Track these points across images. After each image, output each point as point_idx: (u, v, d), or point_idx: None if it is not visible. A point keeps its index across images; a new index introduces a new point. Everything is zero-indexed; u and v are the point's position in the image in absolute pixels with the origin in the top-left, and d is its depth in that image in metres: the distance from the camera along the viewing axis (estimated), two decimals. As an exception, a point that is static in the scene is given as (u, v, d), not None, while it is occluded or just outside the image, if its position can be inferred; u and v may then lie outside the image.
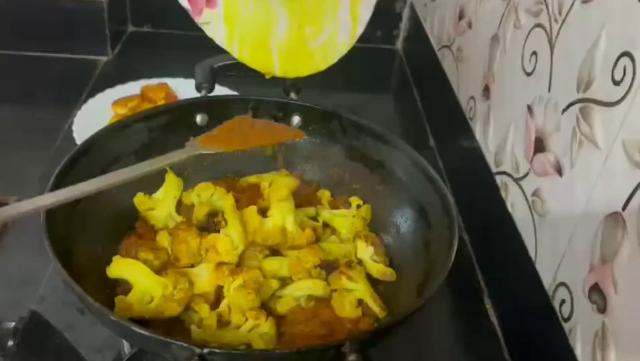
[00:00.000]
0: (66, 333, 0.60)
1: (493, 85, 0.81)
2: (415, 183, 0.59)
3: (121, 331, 0.43)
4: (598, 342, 0.53)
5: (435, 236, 0.54)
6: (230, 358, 0.40)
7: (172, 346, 0.40)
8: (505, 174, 0.75)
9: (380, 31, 1.28)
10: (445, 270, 0.47)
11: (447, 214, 0.53)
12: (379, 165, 0.62)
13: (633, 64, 0.52)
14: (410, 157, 0.59)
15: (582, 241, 0.57)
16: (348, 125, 0.63)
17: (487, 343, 0.71)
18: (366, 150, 0.63)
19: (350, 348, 0.40)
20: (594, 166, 0.56)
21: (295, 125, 0.65)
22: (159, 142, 0.61)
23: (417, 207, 0.58)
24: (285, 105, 0.64)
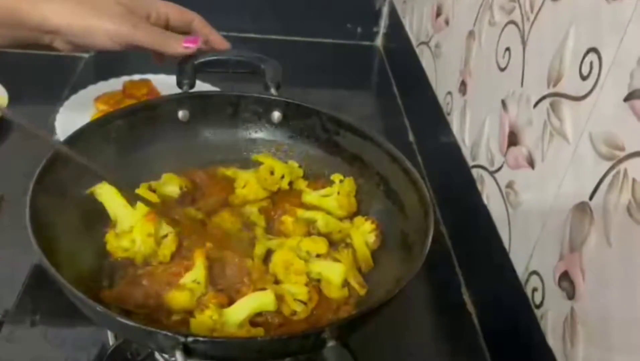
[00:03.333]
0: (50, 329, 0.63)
1: (469, 80, 0.83)
2: (393, 177, 0.60)
3: (105, 322, 0.44)
4: (567, 327, 0.56)
5: (412, 227, 0.56)
6: (213, 346, 0.41)
7: (156, 335, 0.41)
8: (481, 167, 0.77)
9: (360, 28, 1.29)
10: (421, 259, 0.49)
11: (423, 206, 0.54)
12: (358, 160, 0.64)
13: (599, 60, 0.54)
14: (388, 151, 0.61)
15: (553, 231, 0.59)
16: (327, 121, 0.65)
17: (464, 331, 0.73)
18: (345, 144, 0.64)
19: (329, 334, 0.42)
20: (563, 158, 0.58)
21: (276, 120, 0.66)
22: (141, 137, 0.62)
23: (395, 200, 0.59)
24: (266, 101, 0.65)
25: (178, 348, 0.40)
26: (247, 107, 0.66)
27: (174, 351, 0.40)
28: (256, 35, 1.27)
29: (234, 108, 0.66)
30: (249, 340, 0.42)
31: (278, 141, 0.67)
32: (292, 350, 0.42)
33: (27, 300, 0.66)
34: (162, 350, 0.43)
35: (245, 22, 1.25)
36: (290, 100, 0.65)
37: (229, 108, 0.66)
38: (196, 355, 0.41)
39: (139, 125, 0.62)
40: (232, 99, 0.66)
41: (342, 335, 0.42)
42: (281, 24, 1.27)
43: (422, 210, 0.54)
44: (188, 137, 0.65)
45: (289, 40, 1.29)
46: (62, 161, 0.54)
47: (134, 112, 0.61)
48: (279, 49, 1.25)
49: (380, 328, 0.70)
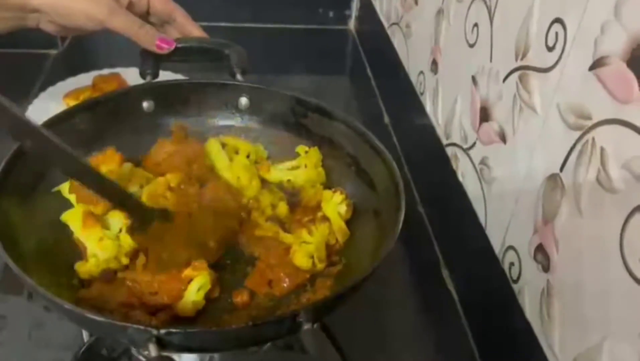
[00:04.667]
0: (34, 331, 0.62)
1: (440, 58, 0.83)
2: (363, 156, 0.60)
3: (76, 319, 0.43)
4: (544, 300, 0.56)
5: (384, 205, 0.55)
6: (186, 337, 0.40)
7: (128, 330, 0.41)
8: (455, 145, 0.77)
9: (333, 12, 1.28)
10: (394, 237, 0.49)
11: (394, 183, 0.54)
12: (327, 141, 0.63)
13: (564, 30, 0.53)
14: (357, 131, 0.60)
15: (526, 204, 0.59)
16: (295, 104, 0.64)
17: (445, 309, 0.73)
18: (313, 127, 0.64)
19: (305, 317, 0.41)
20: (534, 131, 0.58)
21: (244, 106, 0.66)
22: (105, 130, 0.61)
23: (365, 179, 0.59)
24: (232, 87, 0.65)
25: (151, 341, 0.40)
26: (213, 94, 0.65)
27: (148, 344, 0.40)
28: (228, 24, 1.25)
29: (200, 96, 0.65)
30: (222, 329, 0.42)
31: (246, 127, 0.66)
32: (268, 335, 0.41)
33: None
34: (135, 344, 0.42)
35: (217, 11, 1.24)
36: (256, 85, 0.64)
37: (194, 96, 0.65)
38: (171, 347, 0.40)
39: (103, 118, 0.61)
40: (197, 87, 0.65)
41: (318, 316, 0.41)
42: (253, 12, 1.26)
43: (393, 187, 0.53)
44: (154, 127, 0.64)
45: (262, 28, 1.28)
46: (25, 159, 0.53)
47: (97, 105, 0.60)
48: (251, 37, 1.24)
49: (360, 308, 0.70)
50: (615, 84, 0.46)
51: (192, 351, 0.42)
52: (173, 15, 0.69)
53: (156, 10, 0.68)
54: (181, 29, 0.69)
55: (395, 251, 0.78)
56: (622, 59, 0.45)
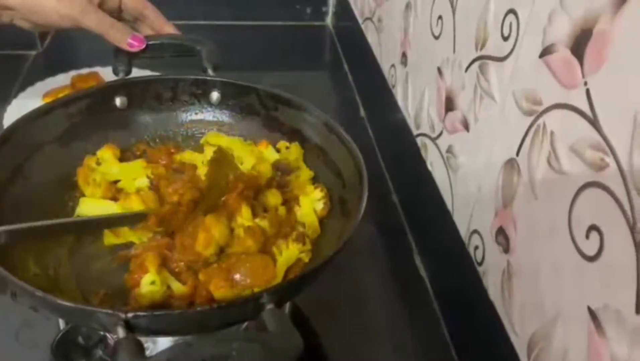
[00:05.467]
0: (22, 331, 0.63)
1: (409, 51, 0.85)
2: (331, 147, 0.62)
3: (46, 305, 0.44)
4: (505, 280, 0.58)
5: (349, 194, 0.57)
6: (153, 320, 0.42)
7: (97, 315, 0.42)
8: (424, 135, 0.79)
9: (310, 8, 1.30)
10: (355, 224, 0.50)
11: (358, 171, 0.56)
12: (298, 133, 0.65)
13: (517, 20, 0.55)
14: (324, 122, 0.62)
15: (488, 189, 0.61)
16: (265, 97, 0.66)
17: (418, 296, 0.75)
18: (284, 119, 0.66)
19: (267, 299, 0.43)
20: (493, 118, 0.60)
21: (215, 101, 0.67)
22: (80, 127, 0.62)
23: (333, 169, 0.61)
24: (204, 82, 0.66)
25: (119, 325, 0.41)
26: (185, 89, 0.67)
27: (117, 328, 0.41)
28: (205, 22, 1.27)
29: (172, 91, 0.67)
30: (185, 311, 0.43)
31: (219, 121, 0.68)
32: (233, 317, 0.43)
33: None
34: (105, 328, 0.44)
35: (194, 9, 1.25)
36: (227, 79, 0.66)
37: (167, 92, 0.67)
38: (140, 330, 0.42)
39: (76, 115, 0.62)
40: (169, 83, 0.66)
41: (280, 298, 0.43)
42: (231, 9, 1.28)
43: (357, 175, 0.55)
44: (128, 123, 0.66)
45: (240, 25, 1.29)
46: (6, 144, 0.55)
47: (71, 102, 0.62)
48: (230, 35, 1.25)
49: (336, 297, 0.73)
50: (562, 70, 0.49)
51: (160, 334, 0.43)
52: (145, 12, 0.71)
53: (128, 7, 0.70)
54: (153, 26, 0.71)
55: (369, 239, 0.82)
56: (567, 45, 0.48)
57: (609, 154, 0.43)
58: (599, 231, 0.44)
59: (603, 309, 0.43)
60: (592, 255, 0.45)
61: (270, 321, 0.41)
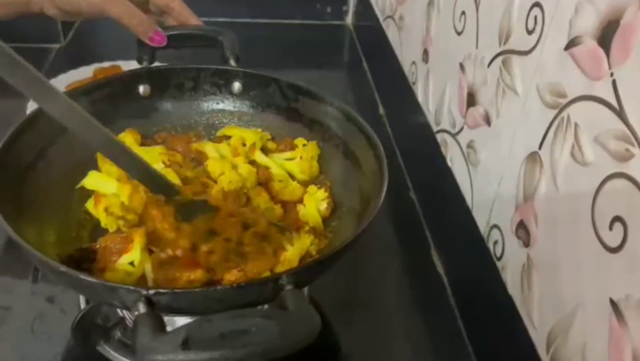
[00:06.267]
0: (37, 323, 0.63)
1: (431, 48, 0.85)
2: (350, 137, 0.62)
3: (68, 281, 0.45)
4: (524, 274, 0.58)
5: (368, 183, 0.57)
6: (174, 298, 0.42)
7: (118, 291, 0.43)
8: (444, 131, 0.79)
9: (330, 7, 1.30)
10: (374, 210, 0.50)
11: (378, 160, 0.56)
12: (317, 124, 0.65)
13: (542, 13, 0.55)
14: (344, 112, 0.62)
15: (509, 184, 0.61)
16: (285, 88, 0.66)
17: (434, 291, 0.75)
18: (304, 110, 0.66)
19: (287, 280, 0.43)
20: (515, 112, 0.60)
21: (237, 91, 0.68)
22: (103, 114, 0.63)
23: (353, 159, 0.61)
24: (226, 73, 0.67)
25: (140, 301, 0.42)
26: (207, 79, 0.67)
27: (137, 304, 0.42)
28: (224, 20, 1.28)
29: (194, 81, 0.67)
30: (206, 289, 0.43)
31: (240, 111, 0.68)
32: (252, 297, 0.43)
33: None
34: (125, 305, 0.44)
35: (214, 7, 1.26)
36: (249, 70, 0.66)
37: (189, 81, 0.67)
38: (160, 308, 0.42)
39: (100, 102, 0.63)
40: (192, 72, 0.67)
41: (300, 280, 0.43)
42: (250, 7, 1.28)
43: (377, 164, 0.56)
44: (150, 111, 0.66)
45: (259, 23, 1.30)
46: (24, 140, 0.56)
47: (94, 89, 0.63)
48: (248, 33, 1.25)
49: (351, 292, 0.73)
50: (587, 62, 0.48)
51: (180, 312, 0.44)
52: (171, 4, 0.72)
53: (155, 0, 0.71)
54: (178, 17, 0.72)
55: (386, 236, 0.82)
56: (594, 37, 0.47)
57: (634, 144, 0.43)
58: (623, 222, 0.44)
59: (625, 300, 0.43)
60: (615, 247, 0.44)
61: (289, 301, 0.41)
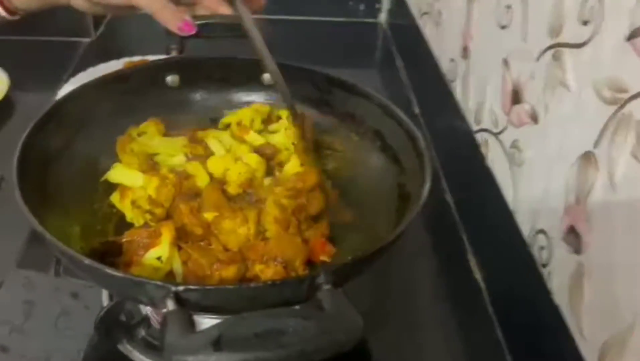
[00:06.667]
0: (60, 319, 0.61)
1: (471, 44, 0.81)
2: (388, 130, 0.59)
3: (93, 275, 0.43)
4: (574, 282, 0.54)
5: (408, 177, 0.54)
6: (205, 295, 0.40)
7: (146, 286, 0.40)
8: (485, 131, 0.75)
9: (363, 5, 1.28)
10: (416, 208, 0.47)
11: (419, 155, 0.53)
12: (351, 117, 0.62)
13: (600, 3, 0.52)
14: (381, 105, 0.59)
15: (557, 185, 0.57)
16: (318, 80, 0.63)
17: (471, 299, 0.71)
18: (337, 103, 0.63)
19: (324, 280, 0.40)
20: (566, 108, 0.56)
21: (266, 83, 0.65)
22: (130, 103, 0.61)
23: (390, 153, 0.58)
24: (256, 63, 0.64)
25: (169, 297, 0.39)
26: (237, 69, 0.65)
27: (166, 301, 0.39)
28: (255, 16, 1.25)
29: (224, 72, 0.65)
30: (239, 286, 0.41)
31: (270, 103, 0.66)
32: (286, 296, 0.40)
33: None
34: (153, 302, 0.41)
35: (254, 19, 1.24)
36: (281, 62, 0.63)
37: (218, 72, 0.65)
38: (189, 305, 0.39)
39: (127, 91, 0.61)
40: (221, 62, 0.64)
41: (337, 280, 0.40)
42: (281, 4, 1.26)
43: (418, 158, 0.52)
44: (177, 103, 0.64)
45: (291, 20, 1.28)
46: (50, 128, 0.54)
47: (122, 78, 0.61)
48: (280, 30, 1.23)
49: (384, 297, 0.70)
50: (653, 53, 0.45)
51: (210, 311, 0.41)
52: None
53: None
54: (210, 6, 0.69)
55: (421, 240, 0.79)
56: (661, 25, 0.44)
57: None
58: (693, 226, 0.40)
59: (696, 312, 0.39)
60: (683, 253, 0.41)
61: (326, 301, 0.38)
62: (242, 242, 0.51)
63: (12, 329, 0.59)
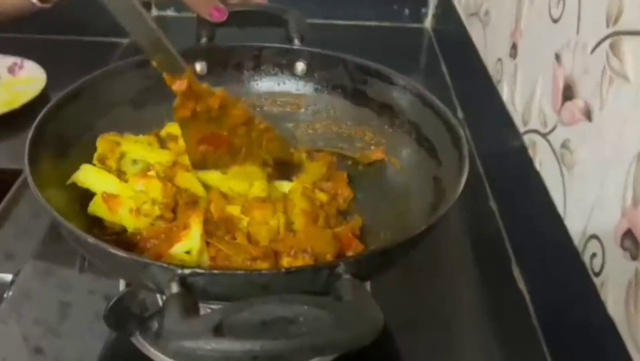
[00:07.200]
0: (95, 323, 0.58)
1: (520, 41, 0.76)
2: (425, 122, 0.55)
3: (97, 255, 0.40)
4: (631, 291, 0.48)
5: (445, 171, 0.50)
6: (212, 280, 0.36)
7: (150, 268, 0.37)
8: (533, 132, 0.70)
9: (408, 10, 1.24)
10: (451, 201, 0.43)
11: (457, 147, 0.48)
12: (387, 108, 0.58)
13: (666, -18, 0.47)
14: (419, 95, 0.55)
15: (613, 187, 0.52)
16: (354, 69, 0.60)
17: (514, 311, 0.66)
18: (373, 93, 0.59)
19: (344, 270, 0.36)
20: (624, 102, 0.51)
21: (300, 72, 0.62)
22: (154, 90, 0.58)
23: (426, 146, 0.54)
24: (289, 52, 0.61)
25: (174, 280, 0.36)
26: (268, 58, 0.62)
27: (170, 284, 0.36)
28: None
29: (255, 60, 0.62)
30: (250, 272, 0.37)
31: (302, 94, 0.62)
32: (301, 285, 0.36)
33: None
34: (159, 287, 0.38)
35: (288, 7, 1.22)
36: (314, 49, 0.60)
37: (249, 60, 0.62)
38: (195, 292, 0.36)
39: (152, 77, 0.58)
40: (252, 51, 0.62)
41: (359, 272, 0.36)
42: (323, 7, 1.23)
43: (456, 151, 0.48)
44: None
45: (334, 25, 1.25)
46: (68, 111, 0.52)
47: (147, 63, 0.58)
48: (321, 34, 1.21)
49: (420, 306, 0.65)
50: None
51: (217, 298, 0.37)
52: None
53: None
54: None
55: (463, 248, 0.74)
56: None
57: None
58: None
59: None
60: None
61: (345, 291, 0.34)
62: (273, 233, 0.48)
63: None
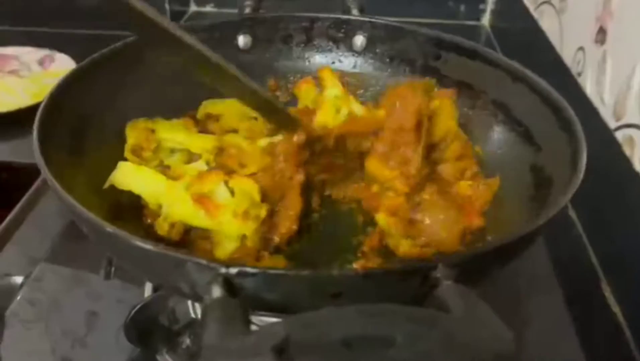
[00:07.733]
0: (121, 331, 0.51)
1: (610, 24, 0.66)
2: (516, 101, 0.45)
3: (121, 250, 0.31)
4: None
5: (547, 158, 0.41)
6: (266, 281, 0.27)
7: (186, 267, 0.28)
8: (629, 126, 0.60)
9: (464, 6, 1.15)
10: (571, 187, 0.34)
11: (565, 129, 0.39)
12: (465, 87, 0.49)
13: None
14: (508, 70, 0.46)
15: None
16: (424, 42, 0.51)
17: (608, 338, 0.56)
18: (448, 70, 0.50)
19: (444, 272, 0.27)
20: None
21: (359, 47, 0.53)
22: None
23: (519, 130, 0.45)
24: (347, 23, 0.52)
25: (216, 282, 0.26)
26: (323, 31, 0.54)
27: (211, 287, 0.27)
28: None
29: (307, 33, 0.54)
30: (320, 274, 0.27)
31: (360, 73, 0.54)
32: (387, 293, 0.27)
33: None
34: (195, 292, 0.29)
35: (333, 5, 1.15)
36: (378, 20, 0.52)
37: (300, 34, 0.54)
38: (244, 298, 0.27)
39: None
40: (304, 22, 0.54)
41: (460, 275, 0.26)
42: (375, 4, 1.15)
43: (565, 135, 0.39)
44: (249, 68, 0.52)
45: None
46: (92, 75, 0.45)
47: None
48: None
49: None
50: None
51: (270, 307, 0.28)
52: None
53: None
54: None
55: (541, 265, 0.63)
56: None
57: None
58: None
59: None
60: None
61: (453, 301, 0.24)
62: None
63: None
